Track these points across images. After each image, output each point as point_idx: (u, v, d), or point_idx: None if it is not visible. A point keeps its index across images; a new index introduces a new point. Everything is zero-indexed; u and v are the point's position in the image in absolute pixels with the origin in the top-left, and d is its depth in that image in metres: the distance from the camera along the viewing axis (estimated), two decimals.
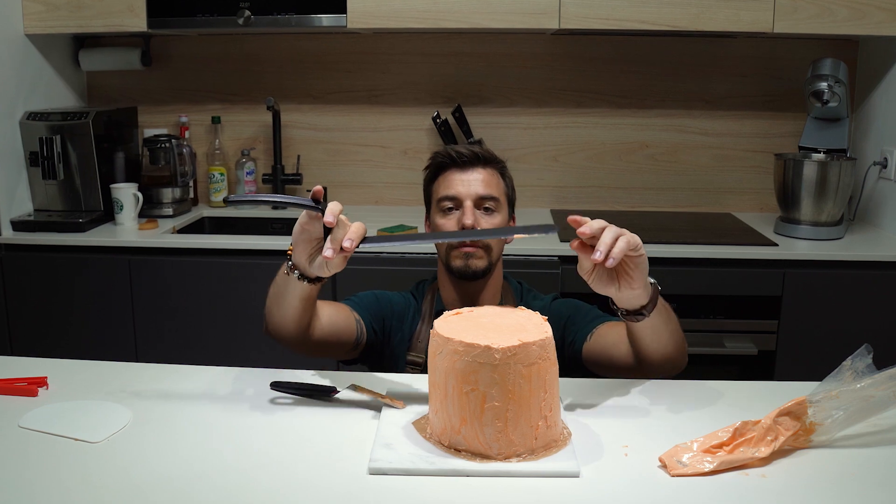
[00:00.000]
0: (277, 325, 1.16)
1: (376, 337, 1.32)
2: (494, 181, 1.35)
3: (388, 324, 1.34)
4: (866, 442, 0.95)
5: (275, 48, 2.41)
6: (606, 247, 0.97)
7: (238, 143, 2.46)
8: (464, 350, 0.89)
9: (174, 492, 0.84)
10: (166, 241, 2.03)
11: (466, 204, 1.32)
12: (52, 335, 2.06)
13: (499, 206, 1.34)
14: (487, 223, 1.33)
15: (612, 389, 1.12)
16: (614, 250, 0.97)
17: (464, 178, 1.33)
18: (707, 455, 0.89)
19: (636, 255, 1.01)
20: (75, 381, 1.12)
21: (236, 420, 1.01)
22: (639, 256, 1.01)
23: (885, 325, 1.94)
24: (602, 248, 0.97)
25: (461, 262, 1.31)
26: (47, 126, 2.11)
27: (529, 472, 0.88)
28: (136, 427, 0.98)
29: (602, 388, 1.13)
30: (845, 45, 2.31)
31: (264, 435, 0.97)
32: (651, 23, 2.03)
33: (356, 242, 1.00)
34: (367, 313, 1.31)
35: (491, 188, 1.33)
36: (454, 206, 1.33)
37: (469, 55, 2.38)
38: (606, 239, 0.98)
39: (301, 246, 1.04)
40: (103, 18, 2.10)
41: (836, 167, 2.04)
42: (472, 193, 1.32)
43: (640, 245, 1.01)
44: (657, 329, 1.10)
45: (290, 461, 0.91)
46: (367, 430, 0.97)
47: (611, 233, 0.98)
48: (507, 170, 1.39)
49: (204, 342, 2.03)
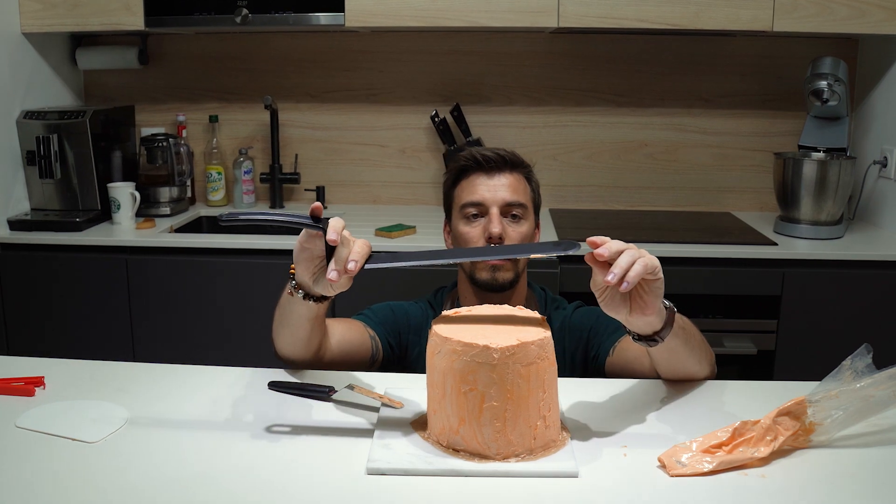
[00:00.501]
0: (286, 349, 1.12)
1: (392, 352, 1.27)
2: (521, 186, 1.29)
3: (404, 338, 1.29)
4: (866, 442, 0.94)
5: (272, 47, 2.40)
6: (622, 269, 0.89)
7: (235, 141, 2.45)
8: (462, 350, 0.88)
9: (171, 492, 0.84)
10: (164, 240, 2.02)
11: (493, 211, 1.26)
12: (48, 335, 2.06)
13: (526, 213, 1.29)
14: (515, 231, 1.27)
15: (611, 389, 1.11)
16: (630, 274, 0.89)
17: (490, 184, 1.27)
18: (706, 455, 0.88)
19: (653, 279, 0.93)
20: (72, 381, 1.11)
21: (234, 420, 1.01)
22: (655, 280, 0.93)
23: (884, 325, 1.93)
24: (617, 271, 0.89)
25: (488, 274, 1.26)
26: (44, 125, 2.10)
27: (528, 472, 0.87)
28: (133, 427, 0.98)
29: (601, 387, 1.12)
30: (845, 44, 2.31)
31: (261, 435, 0.96)
32: (650, 21, 2.02)
33: (361, 263, 0.93)
34: (382, 328, 1.26)
35: (518, 194, 1.28)
36: (479, 213, 1.28)
37: (467, 54, 2.38)
38: (623, 262, 0.90)
39: (303, 265, 0.98)
40: (100, 17, 2.10)
41: (835, 166, 2.04)
42: (498, 200, 1.26)
43: (657, 268, 0.93)
44: (675, 351, 1.04)
45: (288, 461, 0.90)
46: (364, 431, 0.97)
47: (628, 256, 0.91)
48: (534, 173, 1.34)
49: (201, 342, 2.02)
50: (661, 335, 0.99)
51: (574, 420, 1.00)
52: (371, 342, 1.23)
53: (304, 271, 0.98)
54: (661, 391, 1.10)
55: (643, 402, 1.07)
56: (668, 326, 0.99)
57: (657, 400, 1.07)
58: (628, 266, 0.90)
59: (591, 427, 0.99)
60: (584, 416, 1.02)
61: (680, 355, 1.05)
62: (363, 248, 0.95)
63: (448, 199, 1.35)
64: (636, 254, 0.92)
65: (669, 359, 1.06)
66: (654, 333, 0.99)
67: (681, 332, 1.02)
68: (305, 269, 0.98)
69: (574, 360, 1.30)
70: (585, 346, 1.28)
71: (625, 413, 1.03)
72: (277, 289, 1.08)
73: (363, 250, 0.94)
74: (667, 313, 0.99)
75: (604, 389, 1.11)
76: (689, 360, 1.07)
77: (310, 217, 0.95)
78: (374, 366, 1.24)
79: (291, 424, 0.99)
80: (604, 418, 1.01)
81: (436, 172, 2.44)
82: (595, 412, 1.03)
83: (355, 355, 1.20)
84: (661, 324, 0.98)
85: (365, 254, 0.94)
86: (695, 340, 1.07)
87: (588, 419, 1.01)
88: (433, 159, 2.45)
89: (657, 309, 0.95)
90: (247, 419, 1.01)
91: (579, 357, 1.29)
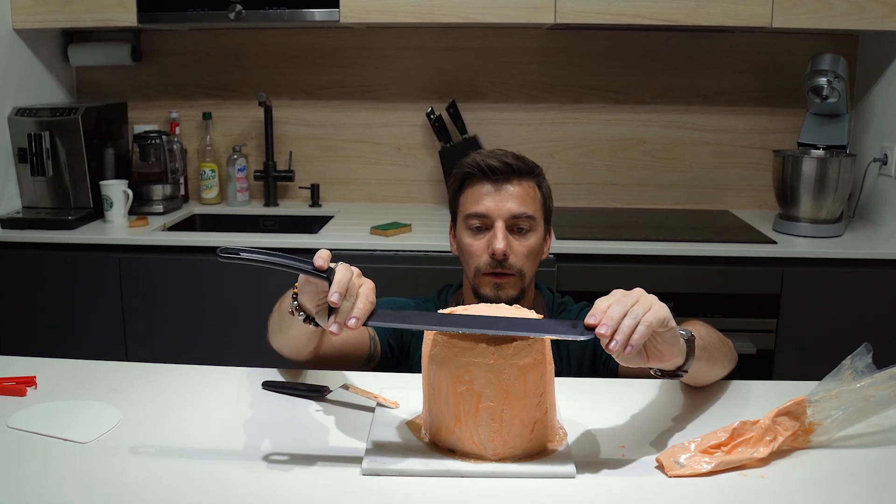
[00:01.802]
0: (281, 349, 1.10)
1: (392, 352, 1.25)
2: (530, 196, 1.24)
3: (406, 339, 1.27)
4: (866, 442, 0.94)
5: (266, 43, 2.39)
6: (625, 336, 0.84)
7: (229, 139, 2.44)
8: (458, 349, 0.87)
9: (165, 492, 0.83)
10: (157, 238, 2.01)
11: (497, 225, 1.21)
12: (40, 334, 2.05)
13: (534, 225, 1.24)
14: (521, 246, 1.22)
15: (609, 389, 1.11)
16: (634, 338, 0.84)
17: (495, 195, 1.22)
18: (705, 456, 0.88)
19: (664, 330, 0.87)
20: (64, 381, 1.11)
21: (227, 420, 1.00)
22: (667, 331, 0.88)
23: (885, 324, 1.92)
24: (620, 338, 0.84)
25: (491, 292, 1.22)
26: (36, 122, 2.10)
27: (524, 473, 0.87)
28: (126, 427, 0.97)
29: (599, 387, 1.12)
30: (845, 40, 2.30)
31: (255, 435, 0.96)
32: (648, 17, 2.01)
33: (362, 321, 0.88)
34: (382, 328, 1.22)
35: (526, 205, 1.23)
36: (483, 225, 1.23)
37: (463, 50, 2.37)
38: (625, 329, 0.84)
39: (307, 296, 0.92)
40: (93, 13, 2.08)
41: (835, 164, 2.03)
42: (504, 213, 1.22)
43: (665, 320, 0.86)
44: (701, 372, 1.01)
45: (282, 462, 0.89)
46: (359, 431, 0.96)
47: (630, 321, 0.85)
48: (545, 178, 1.29)
49: (195, 341, 2.01)
50: (684, 369, 0.94)
51: (571, 420, 1.00)
52: (370, 341, 1.21)
53: (308, 302, 0.93)
54: (660, 391, 1.10)
55: (641, 402, 1.07)
56: (690, 358, 0.94)
57: (655, 400, 1.07)
58: (630, 331, 0.85)
59: (588, 427, 0.98)
60: (582, 416, 1.01)
61: (706, 374, 1.04)
62: (366, 304, 0.89)
63: (453, 204, 1.31)
64: (639, 313, 0.85)
65: (695, 379, 1.04)
66: (678, 369, 0.94)
67: (703, 353, 0.97)
68: (309, 300, 0.92)
69: (581, 362, 1.28)
70: (594, 349, 1.25)
71: (623, 413, 1.03)
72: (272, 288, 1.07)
73: (365, 307, 0.88)
74: (686, 346, 0.93)
75: (602, 389, 1.11)
76: (714, 371, 1.05)
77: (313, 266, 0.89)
78: (371, 364, 1.22)
79: (285, 424, 0.99)
80: (601, 418, 1.01)
81: (432, 170, 2.43)
82: (593, 412, 1.03)
83: (352, 352, 1.18)
84: (683, 359, 0.93)
85: (367, 311, 0.89)
86: (717, 352, 1.04)
87: (586, 419, 1.00)
88: (429, 157, 2.43)
89: (675, 352, 0.91)
90: (240, 419, 1.00)
91: (587, 359, 1.27)
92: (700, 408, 1.04)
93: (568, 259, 1.92)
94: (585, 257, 1.93)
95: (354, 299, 0.88)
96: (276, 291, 1.10)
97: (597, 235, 2.03)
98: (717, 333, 1.08)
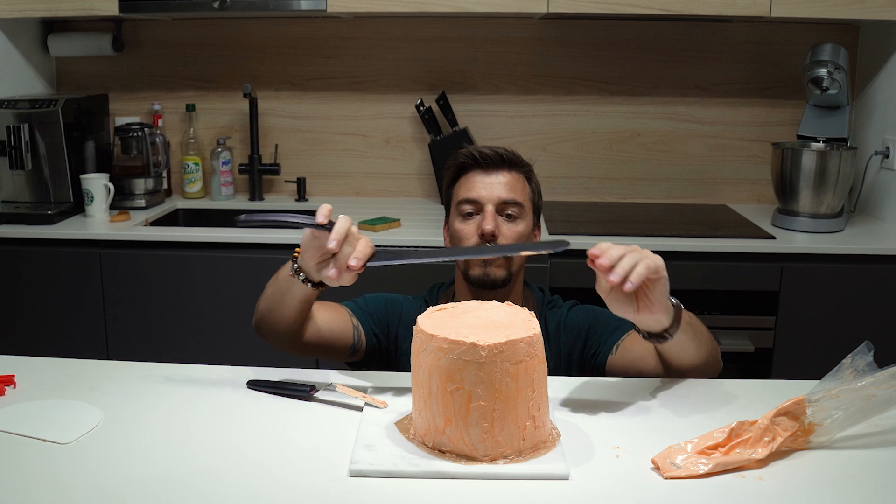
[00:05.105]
0: (270, 324, 1.15)
1: (378, 343, 1.28)
2: (519, 185, 1.31)
3: (393, 330, 1.31)
4: (867, 443, 0.93)
5: (252, 33, 2.37)
6: (625, 271, 0.96)
7: (213, 131, 2.42)
8: (448, 347, 0.87)
9: (146, 494, 0.83)
10: (138, 233, 1.99)
11: (487, 209, 1.28)
12: (19, 331, 2.02)
13: (522, 213, 1.30)
14: (510, 230, 1.29)
15: (603, 388, 1.11)
16: (633, 275, 0.96)
17: (486, 181, 1.29)
18: (702, 457, 0.87)
19: (656, 278, 0.99)
20: (44, 380, 1.10)
21: (212, 420, 1.00)
22: (659, 280, 0.99)
23: (886, 322, 1.91)
24: (619, 271, 0.96)
25: (479, 270, 1.27)
26: (14, 114, 2.08)
27: (516, 474, 0.86)
28: (108, 427, 0.97)
29: (593, 386, 1.12)
30: (846, 30, 2.28)
31: (241, 436, 0.95)
32: (643, 6, 2.00)
33: (362, 262, 0.99)
34: (368, 319, 1.27)
35: (515, 192, 1.29)
36: (474, 210, 1.30)
37: (454, 40, 2.34)
38: (625, 264, 0.96)
39: (310, 252, 1.03)
40: (73, 2, 2.06)
41: (835, 157, 2.01)
42: (494, 197, 1.28)
43: (661, 268, 0.99)
44: (684, 346, 1.08)
45: (268, 463, 0.89)
46: (347, 431, 0.96)
47: (630, 259, 0.97)
48: (534, 174, 1.35)
49: (178, 339, 2.00)
50: (670, 332, 1.03)
51: (565, 420, 0.99)
52: (354, 332, 1.24)
53: (310, 259, 1.03)
54: (655, 390, 1.10)
55: (636, 401, 1.07)
56: (677, 323, 1.03)
57: (651, 399, 1.07)
58: (630, 268, 0.96)
59: (582, 427, 0.98)
60: (576, 415, 1.01)
61: (689, 351, 1.08)
62: (365, 248, 1.00)
63: (447, 198, 1.36)
64: (638, 256, 0.97)
65: (679, 354, 1.09)
66: (664, 331, 1.03)
67: (688, 327, 1.06)
68: (312, 256, 1.03)
69: (571, 359, 1.31)
70: (583, 345, 1.28)
71: (617, 413, 1.02)
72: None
73: (366, 250, 1.00)
74: (674, 310, 1.03)
75: (596, 388, 1.10)
76: (697, 355, 1.10)
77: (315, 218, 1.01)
78: (357, 355, 1.26)
79: (270, 425, 0.98)
80: (596, 418, 1.00)
81: (421, 163, 2.41)
82: (587, 412, 1.02)
83: (335, 341, 1.22)
84: (670, 321, 1.03)
85: (367, 254, 1.00)
86: (702, 335, 1.11)
87: (579, 419, 1.00)
88: (418, 150, 2.41)
89: (664, 307, 1.01)
90: (224, 419, 1.00)
91: (576, 356, 1.30)
92: (697, 408, 1.03)
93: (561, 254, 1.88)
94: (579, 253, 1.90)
95: (355, 244, 0.99)
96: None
97: (590, 230, 2.02)
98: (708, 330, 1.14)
